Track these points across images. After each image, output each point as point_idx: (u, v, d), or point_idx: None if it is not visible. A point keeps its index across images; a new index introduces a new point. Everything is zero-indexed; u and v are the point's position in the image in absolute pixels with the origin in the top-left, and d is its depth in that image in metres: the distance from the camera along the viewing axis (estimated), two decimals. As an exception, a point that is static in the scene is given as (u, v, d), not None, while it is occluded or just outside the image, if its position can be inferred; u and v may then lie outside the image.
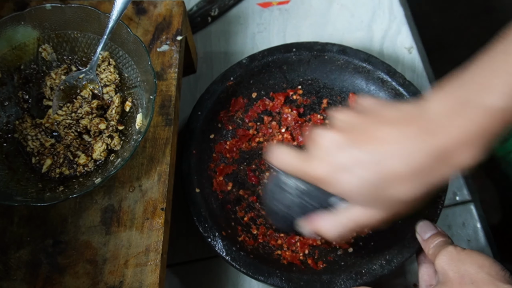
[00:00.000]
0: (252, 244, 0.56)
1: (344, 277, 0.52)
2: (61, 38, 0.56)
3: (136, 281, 0.48)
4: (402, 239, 0.53)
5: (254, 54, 0.65)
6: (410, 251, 0.53)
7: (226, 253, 0.53)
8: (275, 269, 0.52)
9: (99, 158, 0.53)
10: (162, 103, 0.56)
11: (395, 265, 0.52)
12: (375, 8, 0.76)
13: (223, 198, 0.59)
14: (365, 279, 0.52)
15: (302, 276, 0.52)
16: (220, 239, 0.54)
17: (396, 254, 0.53)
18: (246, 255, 0.53)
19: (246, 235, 0.57)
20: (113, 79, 0.56)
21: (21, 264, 0.49)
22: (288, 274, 0.52)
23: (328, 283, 0.52)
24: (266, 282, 0.52)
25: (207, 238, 0.54)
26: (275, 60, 0.64)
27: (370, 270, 0.52)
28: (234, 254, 0.53)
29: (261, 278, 0.52)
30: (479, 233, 0.62)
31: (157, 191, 0.52)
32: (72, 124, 0.54)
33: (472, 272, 0.43)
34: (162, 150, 0.53)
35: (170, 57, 0.58)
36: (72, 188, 0.50)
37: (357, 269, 0.52)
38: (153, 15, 0.60)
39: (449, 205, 0.63)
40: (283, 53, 0.65)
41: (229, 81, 0.63)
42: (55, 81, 0.56)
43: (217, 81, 0.63)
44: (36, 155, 0.53)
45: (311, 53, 0.64)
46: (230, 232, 0.56)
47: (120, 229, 0.50)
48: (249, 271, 0.52)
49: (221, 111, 0.63)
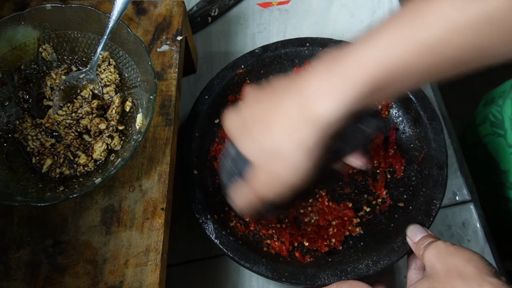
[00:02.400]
0: (243, 230, 0.57)
1: (329, 273, 0.52)
2: (61, 38, 0.56)
3: (136, 281, 0.48)
4: (392, 242, 0.53)
5: (267, 45, 0.65)
6: (398, 255, 0.52)
7: (215, 236, 0.53)
8: (261, 258, 0.53)
9: (99, 158, 0.53)
10: (162, 103, 0.56)
11: (381, 267, 0.52)
12: (375, 8, 0.76)
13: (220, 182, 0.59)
14: (349, 277, 0.52)
15: (287, 267, 0.52)
16: (211, 222, 0.54)
17: (383, 256, 0.52)
18: (235, 240, 0.53)
19: (238, 221, 0.57)
20: (113, 79, 0.56)
21: (21, 264, 0.49)
22: (274, 264, 0.53)
23: (312, 276, 0.52)
24: (251, 269, 0.52)
25: (198, 219, 0.54)
26: (287, 53, 0.65)
27: (356, 269, 0.52)
28: (224, 238, 0.53)
29: (246, 264, 0.52)
30: (479, 233, 0.62)
31: (157, 191, 0.52)
32: (72, 124, 0.54)
33: (459, 265, 0.44)
34: (162, 150, 0.53)
35: (170, 57, 0.58)
36: (72, 188, 0.50)
37: (343, 267, 0.52)
38: (153, 15, 0.60)
39: (449, 205, 0.63)
40: (296, 47, 0.65)
41: (240, 68, 0.63)
42: (56, 81, 0.56)
43: (228, 67, 0.63)
44: (36, 155, 0.53)
45: (324, 49, 0.64)
46: (222, 216, 0.56)
47: (120, 229, 0.50)
48: (235, 256, 0.53)
49: (230, 96, 0.63)
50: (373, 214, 0.59)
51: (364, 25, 0.75)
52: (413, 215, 0.55)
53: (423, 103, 0.60)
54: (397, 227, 0.56)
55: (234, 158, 0.47)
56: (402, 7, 0.40)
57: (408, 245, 0.52)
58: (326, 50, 0.63)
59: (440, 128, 0.59)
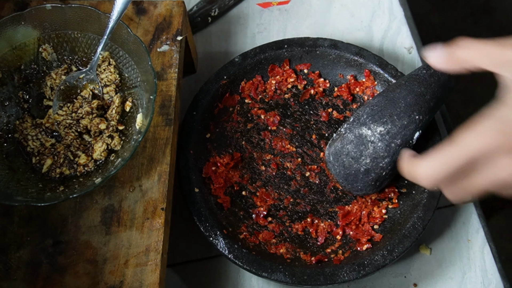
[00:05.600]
0: (253, 241, 0.57)
1: (347, 269, 0.52)
2: (61, 38, 0.56)
3: (136, 281, 0.48)
4: (403, 229, 0.54)
5: (246, 52, 0.65)
6: (411, 240, 0.53)
7: (228, 251, 0.53)
8: (278, 265, 0.53)
9: (99, 158, 0.53)
10: (162, 103, 0.56)
11: (396, 255, 0.53)
12: (375, 8, 0.76)
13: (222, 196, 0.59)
14: (367, 270, 0.52)
15: (305, 270, 0.52)
16: (221, 238, 0.54)
17: (397, 244, 0.53)
18: (248, 252, 0.53)
19: (247, 232, 0.57)
20: (113, 79, 0.56)
21: (21, 264, 0.49)
22: (291, 269, 0.53)
23: (331, 275, 0.52)
24: (270, 278, 0.52)
25: (208, 237, 0.54)
26: (267, 58, 0.65)
27: (373, 261, 0.53)
28: (237, 252, 0.53)
29: (264, 274, 0.52)
30: (480, 233, 0.62)
31: (157, 191, 0.52)
32: (72, 124, 0.54)
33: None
34: (162, 150, 0.53)
35: (170, 57, 0.58)
36: (72, 188, 0.50)
37: (359, 261, 0.53)
38: (153, 15, 0.60)
39: (449, 205, 0.63)
40: (275, 50, 0.65)
41: (223, 80, 0.63)
42: (56, 81, 0.56)
43: (211, 80, 0.63)
44: (36, 155, 0.53)
45: (302, 48, 0.65)
46: (231, 230, 0.56)
47: (120, 229, 0.50)
48: (252, 268, 0.52)
49: (215, 110, 0.63)
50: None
51: (364, 25, 0.75)
52: (418, 198, 0.56)
53: None
54: (403, 213, 0.56)
55: (385, 132, 0.52)
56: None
57: (419, 228, 0.53)
58: (304, 50, 0.65)
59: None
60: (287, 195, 0.60)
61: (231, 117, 0.64)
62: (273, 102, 0.66)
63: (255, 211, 0.59)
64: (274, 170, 0.62)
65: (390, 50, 0.73)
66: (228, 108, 0.64)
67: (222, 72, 0.64)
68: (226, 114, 0.64)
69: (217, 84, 0.63)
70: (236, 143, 0.63)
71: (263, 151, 0.63)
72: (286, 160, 0.62)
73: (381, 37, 0.74)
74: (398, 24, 0.75)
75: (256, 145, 0.63)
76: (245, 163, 0.62)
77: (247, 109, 0.65)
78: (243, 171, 0.61)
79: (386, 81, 0.63)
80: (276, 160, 0.62)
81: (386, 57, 0.72)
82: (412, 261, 0.60)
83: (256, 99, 0.65)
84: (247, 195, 0.60)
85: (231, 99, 0.65)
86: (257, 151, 0.63)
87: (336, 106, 0.65)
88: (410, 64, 0.72)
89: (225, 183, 0.60)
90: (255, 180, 0.61)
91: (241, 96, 0.65)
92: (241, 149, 0.63)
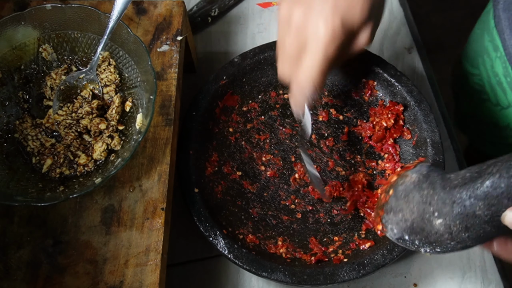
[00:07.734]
0: (253, 241, 0.57)
1: (347, 269, 0.52)
2: (61, 38, 0.56)
3: (136, 281, 0.48)
4: None
5: (245, 53, 0.65)
6: None
7: (228, 251, 0.53)
8: (278, 265, 0.53)
9: (99, 158, 0.53)
10: (162, 103, 0.56)
11: (396, 254, 0.53)
12: (375, 8, 0.76)
13: (221, 197, 0.59)
14: (367, 270, 0.52)
15: (305, 270, 0.52)
16: (221, 238, 0.54)
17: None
18: (248, 252, 0.53)
19: (247, 232, 0.57)
20: (113, 79, 0.56)
21: (21, 264, 0.49)
22: (291, 268, 0.53)
23: (331, 275, 0.52)
24: (270, 278, 0.52)
25: (208, 237, 0.54)
26: (266, 58, 0.65)
27: (372, 260, 0.52)
28: (237, 252, 0.53)
29: (264, 274, 0.52)
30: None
31: (157, 191, 0.52)
32: (72, 124, 0.54)
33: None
34: (162, 150, 0.53)
35: (170, 57, 0.58)
36: (72, 188, 0.50)
37: (359, 260, 0.53)
38: (153, 15, 0.60)
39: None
40: (274, 50, 0.65)
41: (222, 80, 0.63)
42: (56, 81, 0.56)
43: (210, 81, 0.63)
44: (36, 155, 0.53)
45: None
46: (231, 230, 0.56)
47: (120, 229, 0.50)
48: (252, 268, 0.52)
49: (215, 110, 0.63)
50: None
51: (364, 25, 0.75)
52: None
53: (408, 87, 0.61)
54: None
55: None
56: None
57: None
58: None
59: (428, 109, 0.60)
60: (287, 195, 0.60)
61: (231, 117, 0.64)
62: (272, 102, 0.66)
63: (255, 211, 0.59)
64: (274, 170, 0.62)
65: (390, 50, 0.73)
66: (228, 108, 0.64)
67: (222, 73, 0.64)
68: (226, 114, 0.64)
69: (217, 84, 0.63)
70: (236, 143, 0.63)
71: (262, 151, 0.63)
72: (285, 160, 0.62)
73: (381, 37, 0.74)
74: (398, 24, 0.75)
75: (256, 145, 0.63)
76: (245, 163, 0.62)
77: (247, 110, 0.65)
78: (243, 171, 0.61)
79: (386, 81, 0.63)
80: (276, 160, 0.62)
81: (386, 57, 0.72)
82: (412, 261, 0.60)
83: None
84: (247, 195, 0.60)
85: (231, 99, 0.65)
86: (257, 151, 0.63)
87: (335, 105, 0.65)
88: (410, 64, 0.72)
89: (225, 183, 0.60)
90: (255, 180, 0.61)
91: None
92: (241, 149, 0.63)
